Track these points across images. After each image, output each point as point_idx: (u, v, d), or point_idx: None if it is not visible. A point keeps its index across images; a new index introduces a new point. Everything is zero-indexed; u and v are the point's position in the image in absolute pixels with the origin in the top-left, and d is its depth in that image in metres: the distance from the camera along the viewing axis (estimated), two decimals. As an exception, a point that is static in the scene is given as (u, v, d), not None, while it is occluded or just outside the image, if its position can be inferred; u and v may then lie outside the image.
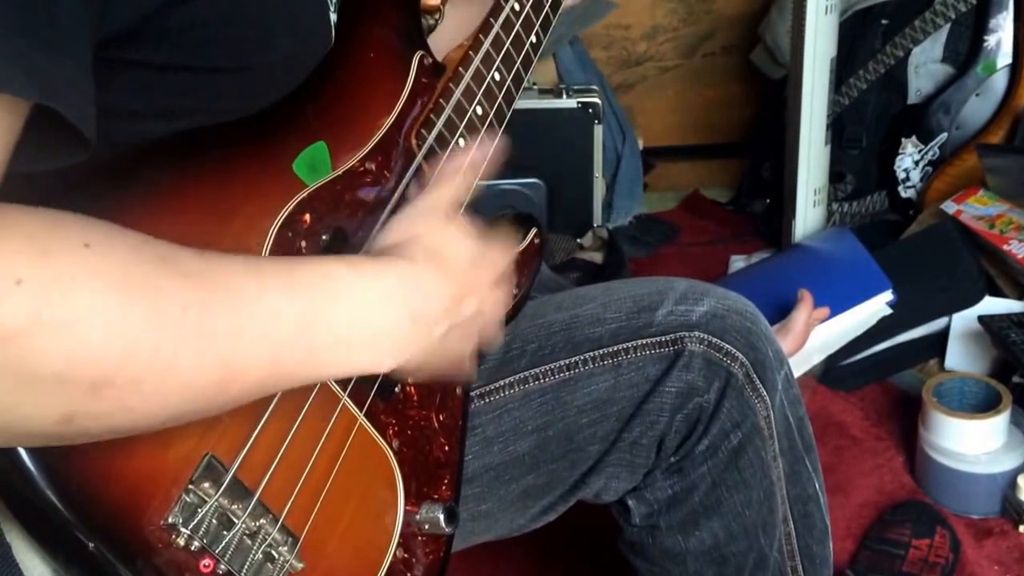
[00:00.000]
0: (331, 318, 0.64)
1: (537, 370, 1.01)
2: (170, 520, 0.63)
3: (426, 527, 0.83)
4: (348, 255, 0.74)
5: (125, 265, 0.54)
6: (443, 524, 0.82)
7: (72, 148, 0.56)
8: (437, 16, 1.01)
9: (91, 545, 0.59)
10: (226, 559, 0.65)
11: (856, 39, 2.29)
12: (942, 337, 1.87)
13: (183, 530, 0.63)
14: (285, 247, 0.73)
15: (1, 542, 0.61)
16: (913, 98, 2.29)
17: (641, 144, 2.63)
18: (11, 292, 0.49)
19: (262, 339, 0.60)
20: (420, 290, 0.70)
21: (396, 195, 0.84)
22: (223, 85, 0.70)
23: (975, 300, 1.83)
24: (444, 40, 1.02)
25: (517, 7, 0.97)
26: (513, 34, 0.96)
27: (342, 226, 0.78)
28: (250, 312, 0.60)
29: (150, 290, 0.55)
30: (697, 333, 0.98)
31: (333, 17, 0.80)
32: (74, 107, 0.54)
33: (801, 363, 1.68)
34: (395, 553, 0.79)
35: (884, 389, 1.90)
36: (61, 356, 0.51)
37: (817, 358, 1.77)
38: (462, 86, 0.90)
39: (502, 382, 1.02)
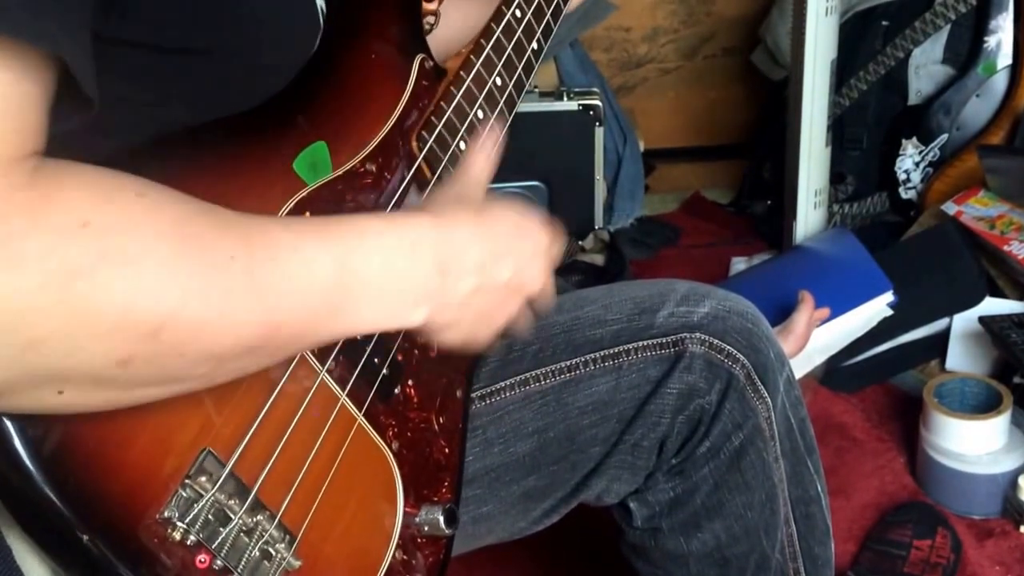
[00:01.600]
0: (363, 266, 0.66)
1: (538, 372, 1.01)
2: (166, 514, 0.63)
3: (426, 529, 0.83)
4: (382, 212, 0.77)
5: (177, 214, 0.57)
6: (443, 526, 0.82)
7: (75, 108, 0.57)
8: (433, 20, 1.01)
9: (86, 538, 0.59)
10: (222, 554, 0.65)
11: (856, 40, 2.29)
12: (943, 338, 1.87)
13: (179, 524, 0.63)
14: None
15: (1, 545, 0.61)
16: (913, 99, 2.29)
17: (642, 146, 2.63)
18: (78, 233, 0.52)
19: (301, 289, 0.62)
20: (451, 242, 0.72)
21: (396, 196, 0.84)
22: (209, 69, 0.70)
23: (976, 301, 1.83)
24: (443, 44, 1.03)
25: (519, 13, 0.97)
26: (515, 40, 0.96)
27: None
28: (289, 262, 0.62)
29: (201, 239, 0.57)
30: (698, 335, 0.98)
31: (321, 3, 0.80)
32: (82, 67, 0.55)
33: (802, 364, 1.68)
34: (394, 555, 0.79)
35: (885, 390, 1.90)
36: (124, 296, 0.53)
37: (818, 359, 1.77)
38: (463, 90, 0.90)
39: (503, 383, 1.02)
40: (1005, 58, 2.12)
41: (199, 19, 0.67)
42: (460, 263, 0.72)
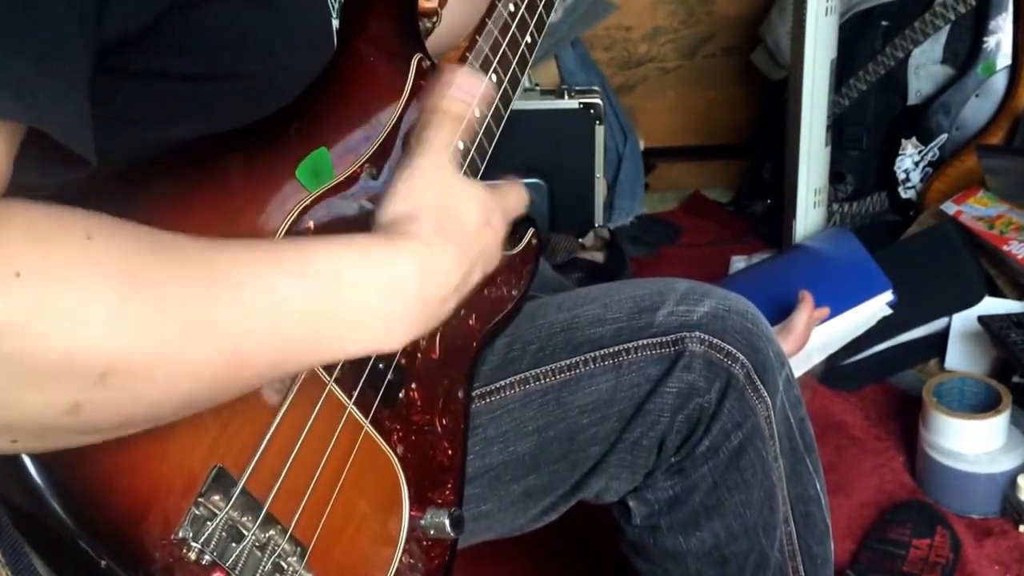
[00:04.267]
0: (340, 305, 0.64)
1: (538, 370, 1.01)
2: (181, 534, 0.63)
3: (431, 532, 0.83)
4: (359, 236, 0.72)
5: (127, 256, 0.55)
6: (448, 529, 0.82)
7: (76, 161, 0.56)
8: (435, 19, 1.01)
9: (103, 563, 0.59)
10: (236, 572, 0.65)
11: (856, 40, 2.29)
12: (942, 337, 1.87)
13: (194, 544, 0.63)
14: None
15: (28, 564, 0.61)
16: (913, 99, 2.29)
17: (642, 145, 2.63)
18: (11, 284, 0.50)
19: (270, 326, 0.60)
20: (434, 274, 0.69)
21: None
22: (223, 92, 0.70)
23: (975, 300, 1.83)
24: (442, 43, 1.03)
25: (512, 8, 0.96)
26: (509, 35, 0.96)
27: (346, 232, 0.78)
28: (258, 300, 0.59)
29: (153, 280, 0.55)
30: (698, 334, 0.98)
31: (335, 23, 0.80)
32: (65, 126, 0.54)
33: (801, 363, 1.68)
34: (401, 559, 0.79)
35: (884, 389, 1.90)
36: (62, 345, 0.51)
37: (817, 358, 1.78)
38: None
39: (503, 382, 1.02)
40: (1004, 58, 2.12)
41: (219, 48, 0.67)
42: (442, 291, 0.70)
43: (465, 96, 0.79)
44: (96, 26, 0.58)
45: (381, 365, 0.80)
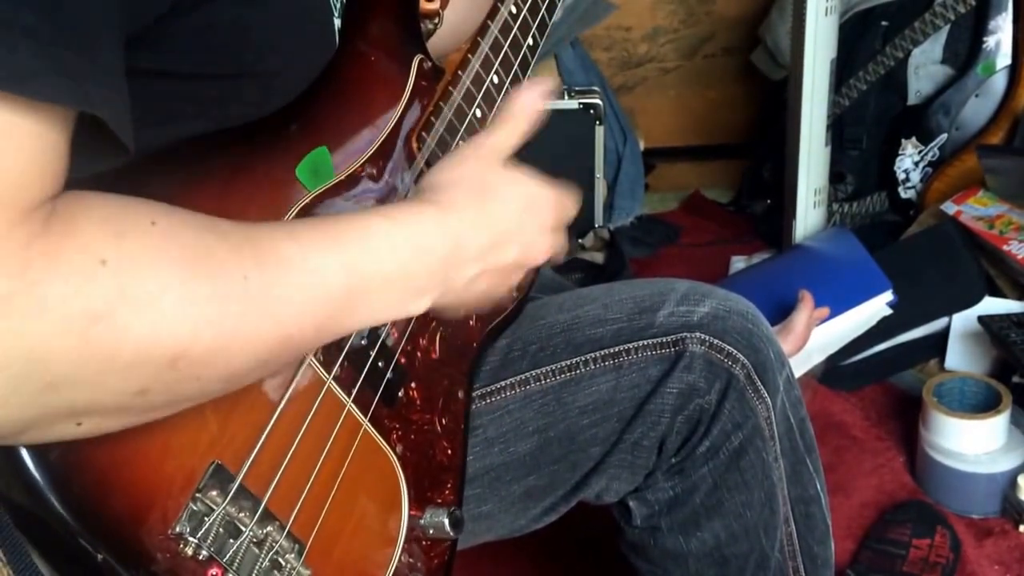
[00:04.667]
0: (370, 268, 0.66)
1: (538, 371, 1.02)
2: (177, 529, 0.63)
3: (430, 532, 0.83)
4: (384, 206, 0.75)
5: (188, 240, 0.57)
6: (447, 528, 0.82)
7: (112, 152, 0.57)
8: (436, 21, 1.01)
9: (99, 557, 0.59)
10: (234, 568, 0.65)
11: (856, 40, 2.29)
12: (942, 337, 1.87)
13: (191, 539, 0.63)
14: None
15: (30, 563, 0.61)
16: (913, 99, 2.29)
17: (642, 145, 2.63)
18: (97, 273, 0.52)
19: (313, 297, 0.62)
20: (454, 234, 0.71)
21: (399, 197, 0.84)
22: (225, 92, 0.70)
23: (975, 300, 1.83)
24: (444, 44, 1.03)
25: (514, 10, 0.97)
26: (511, 37, 0.96)
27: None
28: (299, 272, 0.62)
29: (215, 262, 0.57)
30: (698, 334, 0.98)
31: (337, 23, 0.80)
32: (113, 112, 0.55)
33: (801, 363, 1.68)
34: (400, 558, 0.79)
35: (884, 389, 1.90)
36: (142, 332, 0.53)
37: (817, 358, 1.78)
38: (461, 89, 0.90)
39: (503, 383, 1.02)
40: (1004, 58, 2.12)
41: (220, 48, 0.67)
42: (463, 253, 0.72)
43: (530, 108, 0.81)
44: (123, 16, 0.58)
45: (380, 364, 0.80)
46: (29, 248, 0.50)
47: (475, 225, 0.73)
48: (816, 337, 1.62)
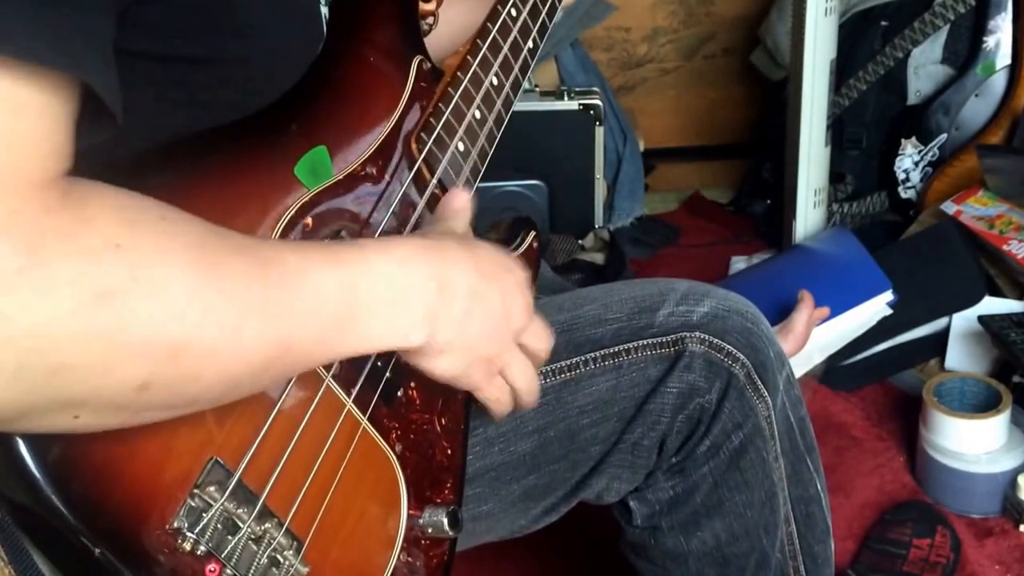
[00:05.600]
0: (368, 288, 0.67)
1: (538, 371, 1.02)
2: (175, 525, 0.63)
3: (429, 531, 0.83)
4: (380, 239, 0.77)
5: (197, 238, 0.58)
6: (446, 528, 0.82)
7: (99, 124, 0.57)
8: (431, 21, 1.01)
9: (97, 551, 0.59)
10: (232, 563, 0.65)
11: (856, 40, 2.29)
12: (942, 337, 1.87)
13: (188, 534, 0.63)
14: (288, 252, 0.73)
15: (31, 563, 0.61)
16: (913, 99, 2.29)
17: (642, 145, 2.63)
18: (111, 255, 0.53)
19: (312, 309, 0.63)
20: (443, 261, 0.72)
21: (397, 199, 0.84)
22: (208, 76, 0.70)
23: (975, 300, 1.83)
24: (441, 45, 1.03)
25: (514, 12, 0.97)
26: (510, 39, 0.96)
27: (343, 229, 0.78)
28: (300, 283, 0.62)
29: (220, 263, 0.58)
30: (698, 334, 0.99)
31: (324, 11, 0.80)
32: (105, 83, 0.55)
33: (802, 363, 1.68)
34: (399, 557, 0.79)
35: (885, 389, 1.90)
36: (148, 320, 0.54)
37: (818, 358, 1.78)
38: (460, 91, 0.90)
39: (503, 383, 1.02)
40: (1004, 58, 2.12)
41: (205, 29, 0.67)
42: (453, 283, 0.72)
43: None
44: None
45: (380, 363, 0.80)
46: (43, 224, 0.51)
47: (462, 259, 0.74)
48: (816, 337, 1.62)
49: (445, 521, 0.82)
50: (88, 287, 0.51)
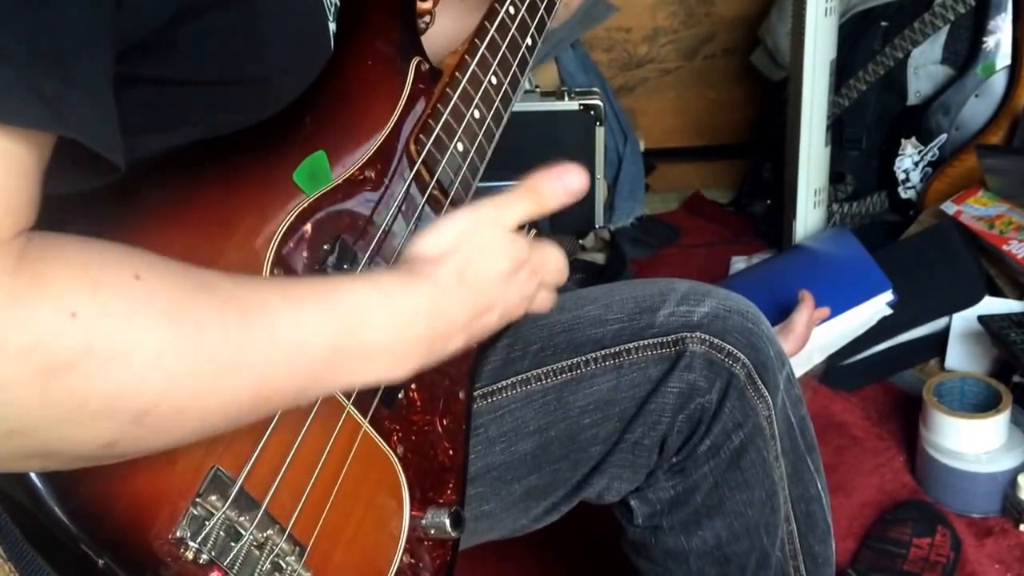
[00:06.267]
0: (360, 341, 0.65)
1: (539, 371, 1.02)
2: (178, 534, 0.63)
3: (432, 532, 0.83)
4: (382, 275, 0.74)
5: (172, 296, 0.55)
6: (449, 529, 0.83)
7: (102, 169, 0.56)
8: (428, 19, 1.01)
9: (101, 562, 0.59)
10: (234, 571, 0.65)
11: (856, 41, 2.29)
12: (942, 337, 1.87)
13: (191, 544, 0.63)
14: (287, 257, 0.73)
15: (33, 560, 0.61)
16: (913, 99, 2.29)
17: (642, 146, 2.63)
18: (66, 325, 0.50)
19: (296, 361, 0.61)
20: (442, 315, 0.70)
21: (397, 200, 0.84)
22: (223, 98, 0.70)
23: (975, 300, 1.83)
24: (439, 44, 1.03)
25: (512, 11, 0.96)
26: (508, 38, 0.96)
27: (343, 234, 0.78)
28: (285, 336, 0.60)
29: (195, 320, 0.55)
30: (698, 334, 0.99)
31: (332, 26, 0.80)
32: (96, 134, 0.54)
33: (802, 363, 1.68)
34: (402, 559, 0.79)
35: (885, 389, 1.90)
36: (110, 387, 0.52)
37: (818, 358, 1.78)
38: (459, 91, 0.90)
39: (504, 383, 1.02)
40: (1004, 58, 2.12)
41: (219, 55, 0.67)
42: (449, 327, 0.71)
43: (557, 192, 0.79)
44: (118, 29, 0.57)
45: None
46: None
47: (460, 301, 0.72)
48: (816, 337, 1.62)
49: (447, 522, 0.82)
50: (38, 360, 0.49)
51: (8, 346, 0.48)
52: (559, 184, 0.80)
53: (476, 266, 0.74)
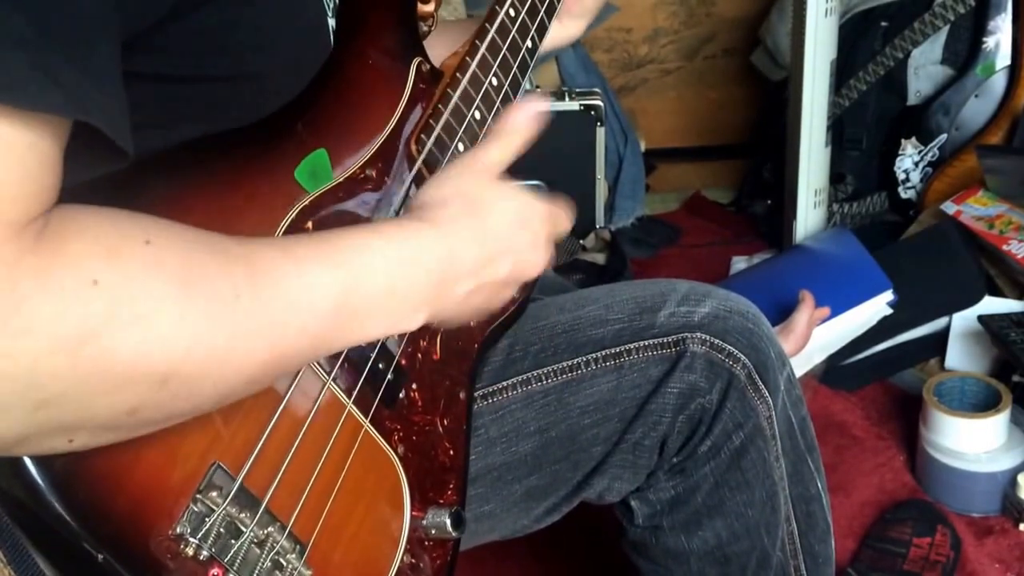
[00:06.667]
0: (367, 287, 0.66)
1: (540, 371, 1.02)
2: (178, 530, 0.63)
3: (432, 532, 0.83)
4: (384, 223, 0.76)
5: (183, 259, 0.56)
6: (449, 529, 0.83)
7: (111, 157, 0.56)
8: (431, 22, 1.01)
9: (100, 557, 0.59)
10: (235, 568, 0.65)
11: (856, 41, 2.30)
12: (942, 337, 1.87)
13: (191, 540, 0.63)
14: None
15: (32, 563, 0.61)
16: (913, 99, 2.29)
17: (643, 146, 2.63)
18: (88, 293, 0.51)
19: (306, 315, 0.62)
20: (449, 252, 0.71)
21: (397, 200, 0.84)
22: (222, 93, 0.70)
23: (975, 300, 1.83)
24: (440, 45, 1.03)
25: (512, 13, 0.96)
26: (509, 39, 0.96)
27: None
28: (293, 290, 0.61)
29: (208, 280, 0.57)
30: (699, 334, 0.99)
31: (331, 22, 0.80)
32: (110, 120, 0.55)
33: (802, 363, 1.69)
34: (402, 558, 0.79)
35: (885, 389, 1.90)
36: (133, 351, 0.53)
37: (818, 358, 1.78)
38: (459, 91, 0.90)
39: (505, 383, 1.02)
40: (1004, 59, 2.12)
41: (218, 50, 0.67)
42: (457, 269, 0.72)
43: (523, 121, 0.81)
44: (121, 19, 0.58)
45: (381, 365, 0.81)
46: (19, 266, 0.50)
47: (468, 241, 0.73)
48: (817, 337, 1.63)
49: (448, 522, 0.82)
50: (66, 328, 0.51)
51: (37, 319, 0.50)
52: (524, 113, 0.81)
53: (484, 207, 0.75)
